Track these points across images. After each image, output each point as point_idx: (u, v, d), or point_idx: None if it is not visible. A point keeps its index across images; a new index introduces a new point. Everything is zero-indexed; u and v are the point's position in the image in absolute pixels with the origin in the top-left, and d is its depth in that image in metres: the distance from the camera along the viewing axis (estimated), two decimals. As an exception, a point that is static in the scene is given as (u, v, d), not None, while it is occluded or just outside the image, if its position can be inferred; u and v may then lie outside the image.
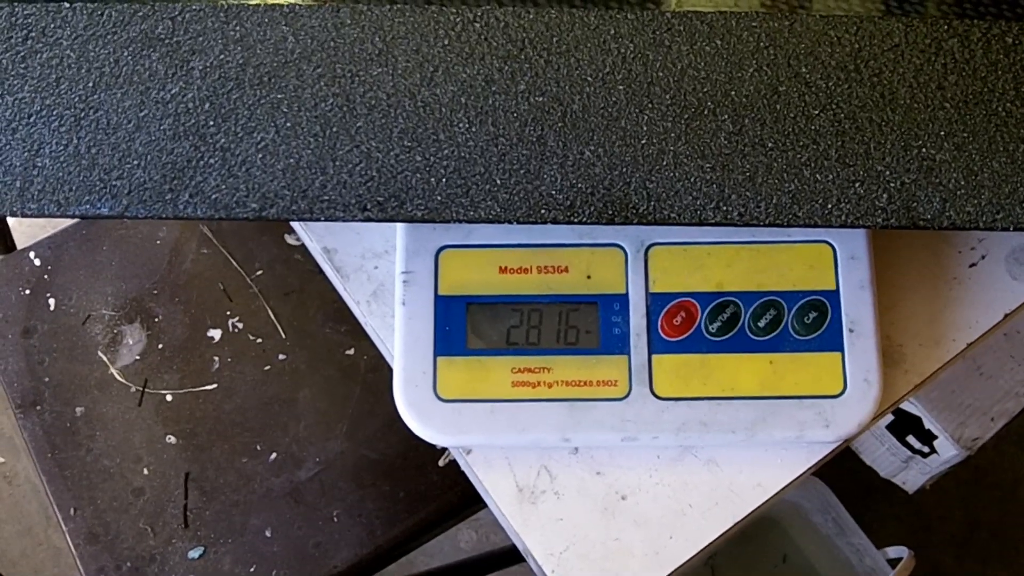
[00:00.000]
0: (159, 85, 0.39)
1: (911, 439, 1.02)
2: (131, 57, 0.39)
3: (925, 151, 0.38)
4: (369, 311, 0.51)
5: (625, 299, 0.47)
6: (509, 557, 0.93)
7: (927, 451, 1.02)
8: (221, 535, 0.71)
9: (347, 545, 0.71)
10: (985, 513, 1.22)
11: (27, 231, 1.18)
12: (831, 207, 0.39)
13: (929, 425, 0.99)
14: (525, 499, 0.47)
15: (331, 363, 0.78)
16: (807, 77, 0.38)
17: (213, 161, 0.39)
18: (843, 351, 0.46)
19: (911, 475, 1.08)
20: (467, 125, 0.39)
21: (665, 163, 0.39)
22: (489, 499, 0.47)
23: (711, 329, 0.46)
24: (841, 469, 1.14)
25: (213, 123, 0.39)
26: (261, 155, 0.39)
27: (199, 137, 0.39)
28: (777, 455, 0.47)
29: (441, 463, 0.69)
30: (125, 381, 0.77)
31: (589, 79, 0.38)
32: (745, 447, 0.47)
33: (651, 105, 0.38)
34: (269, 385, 0.77)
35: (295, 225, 0.57)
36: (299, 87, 0.39)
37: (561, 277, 0.47)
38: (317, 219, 0.39)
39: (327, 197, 0.39)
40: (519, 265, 0.47)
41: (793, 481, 0.47)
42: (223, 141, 0.39)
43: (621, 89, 0.38)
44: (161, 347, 0.78)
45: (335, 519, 0.72)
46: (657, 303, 0.47)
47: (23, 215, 0.39)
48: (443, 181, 0.39)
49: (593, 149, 0.39)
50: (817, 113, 0.38)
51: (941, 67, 0.38)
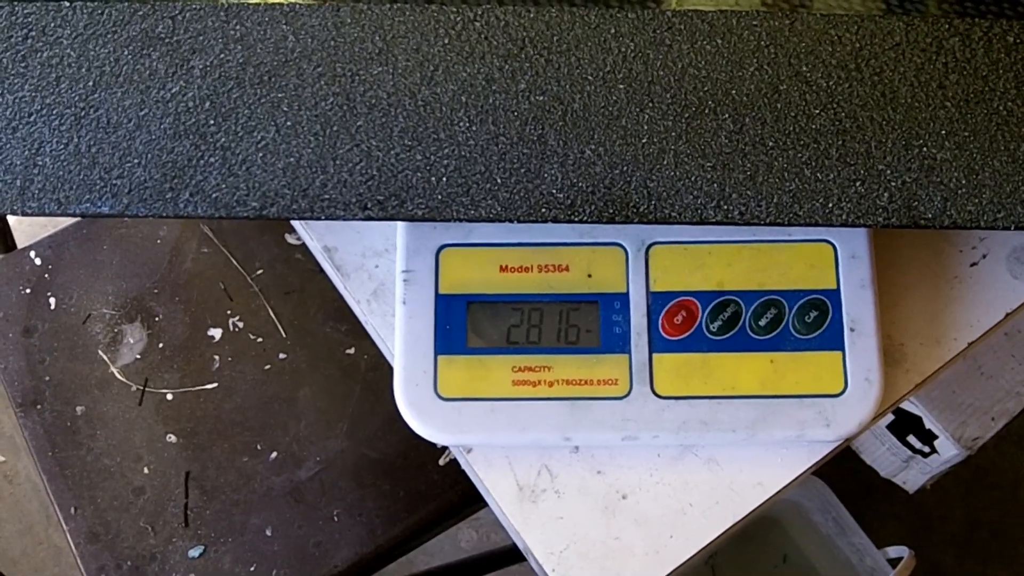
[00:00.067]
0: (159, 84, 0.39)
1: (912, 439, 1.02)
2: (131, 56, 0.39)
3: (926, 150, 0.38)
4: (369, 310, 0.51)
5: (626, 298, 0.47)
6: (509, 556, 0.93)
7: (928, 451, 1.02)
8: (221, 534, 0.71)
9: (347, 544, 0.71)
10: (986, 513, 1.22)
11: (27, 230, 1.17)
12: (832, 206, 0.39)
13: (930, 425, 0.98)
14: (525, 498, 0.47)
15: (331, 362, 0.78)
16: (808, 76, 0.38)
17: (213, 160, 0.39)
18: (844, 350, 0.46)
19: (912, 475, 1.08)
20: (467, 124, 0.39)
21: (666, 162, 0.39)
22: (489, 498, 0.47)
23: (712, 328, 0.46)
24: (841, 469, 1.14)
25: (213, 122, 0.39)
26: (261, 154, 0.39)
27: (199, 136, 0.39)
28: (777, 454, 0.47)
29: (441, 462, 0.69)
30: (126, 380, 0.77)
31: (590, 78, 0.38)
32: (745, 446, 0.47)
33: (652, 104, 0.38)
34: (269, 384, 0.77)
35: (296, 224, 0.57)
36: (299, 86, 0.39)
37: (562, 276, 0.47)
38: (317, 218, 0.39)
39: (327, 196, 0.39)
40: (520, 264, 0.47)
41: (793, 480, 0.47)
42: (223, 140, 0.39)
43: (622, 88, 0.38)
44: (161, 346, 0.78)
45: (335, 518, 0.72)
46: (658, 302, 0.47)
47: (23, 214, 0.39)
48: (443, 180, 0.39)
49: (594, 148, 0.39)
50: (818, 112, 0.38)
51: (942, 66, 0.38)
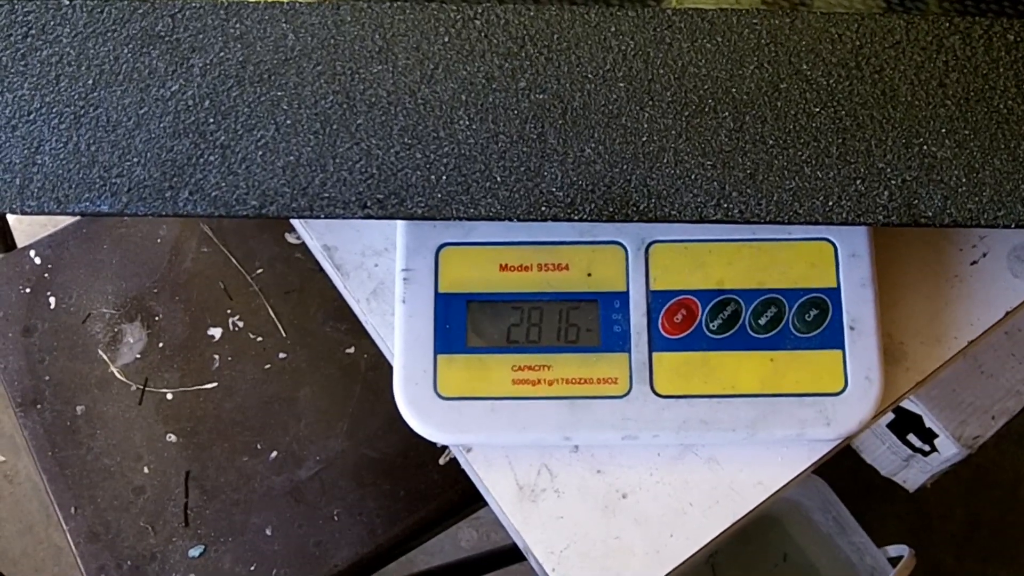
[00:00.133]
0: (159, 83, 0.39)
1: (912, 437, 1.02)
2: (131, 54, 0.38)
3: (926, 148, 0.38)
4: (369, 309, 0.51)
5: (626, 297, 0.47)
6: (510, 556, 0.93)
7: (928, 449, 1.01)
8: (221, 534, 0.71)
9: (348, 544, 0.71)
10: (986, 512, 1.22)
11: (27, 229, 1.17)
12: (832, 204, 0.39)
13: (930, 423, 0.98)
14: (525, 497, 0.47)
15: (331, 362, 0.78)
16: (808, 74, 0.38)
17: (213, 159, 0.39)
18: (844, 349, 0.46)
19: (912, 473, 1.08)
20: (467, 122, 0.39)
21: (666, 160, 0.39)
22: (489, 497, 0.47)
23: (712, 327, 0.46)
24: (842, 467, 1.14)
25: (213, 120, 0.39)
26: (261, 152, 0.39)
27: (199, 135, 0.39)
28: (778, 453, 0.47)
29: (441, 461, 0.69)
30: (125, 380, 0.77)
31: (590, 76, 0.38)
32: (746, 445, 0.47)
33: (652, 102, 0.38)
34: (269, 384, 0.77)
35: (295, 223, 0.57)
36: (299, 84, 0.38)
37: (561, 275, 0.47)
38: (317, 217, 0.39)
39: (327, 195, 0.39)
40: (519, 263, 0.47)
41: (794, 479, 0.47)
42: (223, 138, 0.39)
43: (622, 86, 0.38)
44: (161, 346, 0.78)
45: (336, 518, 0.72)
46: (658, 301, 0.46)
47: (23, 213, 0.39)
48: (443, 178, 0.39)
49: (594, 146, 0.39)
50: (818, 110, 0.38)
51: (942, 64, 0.38)
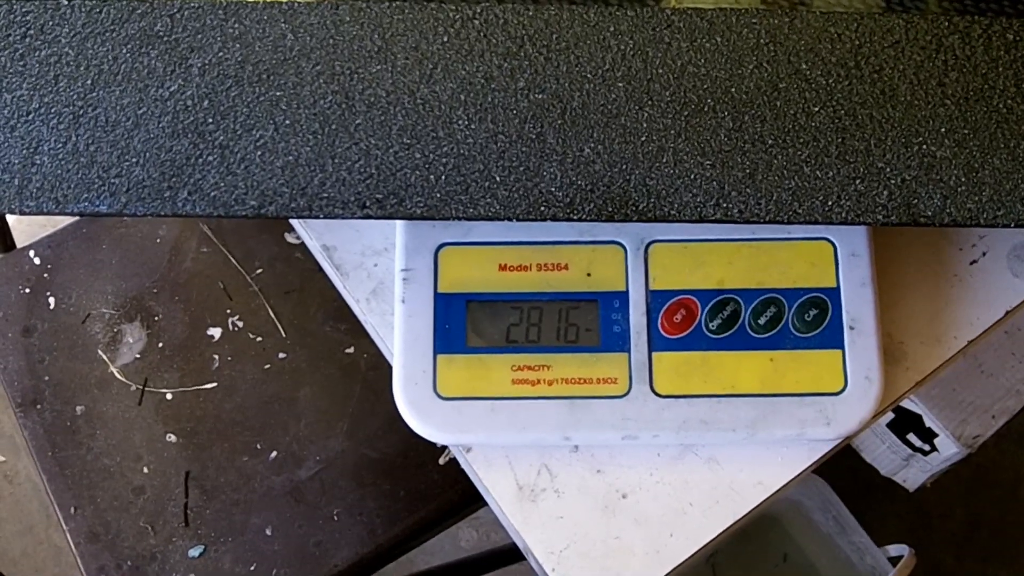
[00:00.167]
0: (158, 83, 0.39)
1: (912, 437, 1.02)
2: (130, 54, 0.38)
3: (926, 148, 0.38)
4: (369, 309, 0.51)
5: (625, 297, 0.46)
6: (510, 556, 0.93)
7: (928, 449, 1.01)
8: (221, 534, 0.71)
9: (348, 544, 0.71)
10: (986, 511, 1.22)
11: (27, 229, 1.17)
12: (831, 204, 0.39)
13: (930, 423, 0.98)
14: (525, 497, 0.47)
15: (331, 361, 0.78)
16: (807, 74, 0.38)
17: (212, 159, 0.39)
18: (844, 349, 0.46)
19: (912, 473, 1.08)
20: (466, 122, 0.39)
21: (665, 160, 0.39)
22: (489, 497, 0.47)
23: (711, 327, 0.46)
24: (842, 467, 1.14)
25: (212, 120, 0.39)
26: (260, 152, 0.39)
27: (198, 135, 0.39)
28: (778, 453, 0.47)
29: (441, 461, 0.69)
30: (125, 380, 0.77)
31: (589, 76, 0.38)
32: (746, 445, 0.47)
33: (651, 102, 0.38)
34: (269, 384, 0.77)
35: (294, 223, 0.57)
36: (298, 84, 0.38)
37: (561, 275, 0.47)
38: (316, 217, 0.39)
39: (326, 195, 0.39)
40: (519, 263, 0.47)
41: (794, 479, 0.47)
42: (222, 139, 0.39)
43: (621, 86, 0.38)
44: (161, 346, 0.78)
45: (335, 518, 0.72)
46: (657, 300, 0.46)
47: (22, 213, 0.39)
48: (442, 178, 0.39)
49: (593, 146, 0.39)
50: (817, 110, 0.38)
51: (942, 64, 0.38)
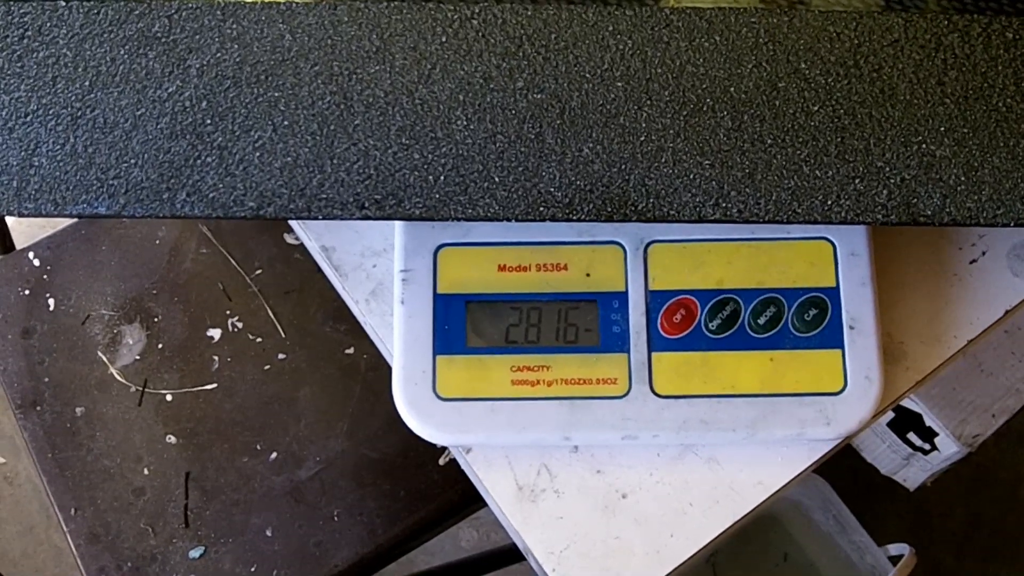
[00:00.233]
0: (156, 84, 0.38)
1: (912, 436, 1.02)
2: (128, 56, 0.38)
3: (925, 147, 0.38)
4: (368, 310, 0.51)
5: (625, 297, 0.46)
6: (509, 556, 0.93)
7: (928, 448, 1.01)
8: (222, 534, 0.71)
9: (348, 544, 0.71)
10: (986, 510, 1.22)
11: (26, 231, 1.17)
12: (831, 203, 0.39)
13: (930, 422, 0.98)
14: (525, 498, 0.47)
15: (331, 362, 0.78)
16: (806, 73, 0.38)
17: (210, 160, 0.39)
18: (843, 348, 0.46)
19: (912, 472, 1.08)
20: (465, 123, 0.38)
21: (664, 160, 0.39)
22: (489, 498, 0.47)
23: (711, 327, 0.46)
24: (842, 467, 1.14)
25: (210, 122, 0.39)
26: (258, 153, 0.39)
27: (196, 136, 0.39)
28: (778, 453, 0.47)
29: (441, 462, 0.69)
30: (125, 381, 0.77)
31: (587, 76, 0.38)
32: (746, 445, 0.47)
33: (650, 102, 0.38)
34: (269, 384, 0.77)
35: (293, 224, 0.57)
36: (296, 85, 0.38)
37: (560, 275, 0.47)
38: (315, 218, 0.39)
39: (325, 195, 0.39)
40: (518, 263, 0.47)
41: (794, 479, 0.47)
42: (220, 140, 0.39)
43: (620, 86, 0.38)
44: (161, 347, 0.78)
45: (336, 518, 0.72)
46: (657, 301, 0.46)
47: (20, 215, 0.39)
48: (441, 179, 0.39)
49: (592, 146, 0.39)
50: (816, 109, 0.38)
51: (941, 63, 0.38)
